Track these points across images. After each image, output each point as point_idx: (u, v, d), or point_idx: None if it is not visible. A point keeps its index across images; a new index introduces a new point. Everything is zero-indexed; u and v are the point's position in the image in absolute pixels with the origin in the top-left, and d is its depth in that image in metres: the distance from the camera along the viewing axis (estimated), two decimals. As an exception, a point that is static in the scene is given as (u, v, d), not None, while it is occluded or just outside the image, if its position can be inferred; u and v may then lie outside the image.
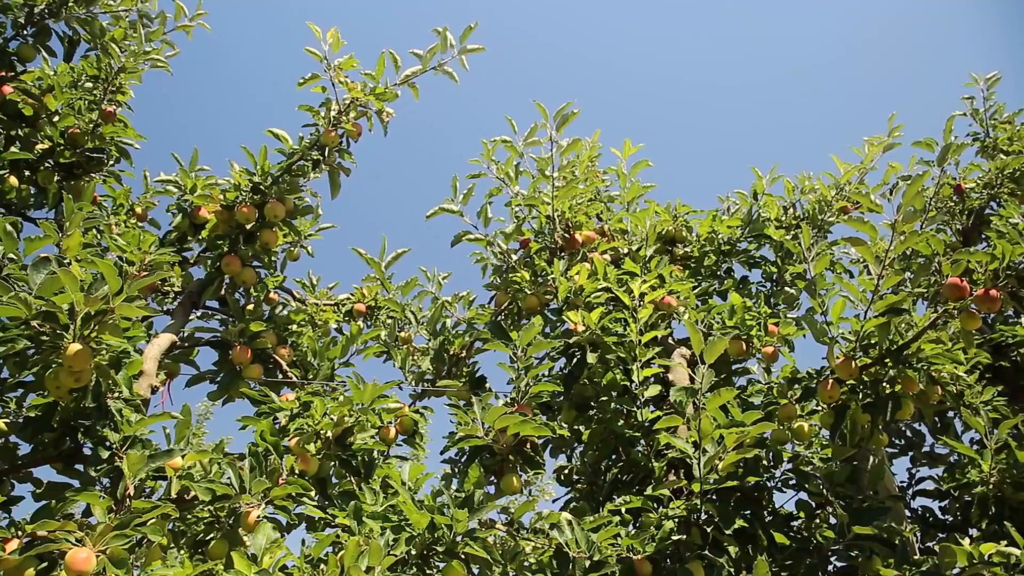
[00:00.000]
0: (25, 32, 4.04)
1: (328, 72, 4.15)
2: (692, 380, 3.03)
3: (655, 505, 2.98)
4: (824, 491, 3.09)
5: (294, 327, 4.39)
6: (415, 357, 4.35)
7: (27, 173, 4.10)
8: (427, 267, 4.78)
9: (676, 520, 2.86)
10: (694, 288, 4.16)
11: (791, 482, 3.30)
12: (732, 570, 2.83)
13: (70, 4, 4.09)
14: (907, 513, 3.91)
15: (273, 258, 4.38)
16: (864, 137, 4.63)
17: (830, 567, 3.07)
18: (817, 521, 3.15)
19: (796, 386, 3.39)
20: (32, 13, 4.01)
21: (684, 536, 2.82)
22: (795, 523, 3.20)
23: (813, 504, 3.19)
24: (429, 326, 4.43)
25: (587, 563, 2.72)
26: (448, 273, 4.82)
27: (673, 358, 3.76)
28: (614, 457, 3.62)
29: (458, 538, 2.68)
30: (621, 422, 3.45)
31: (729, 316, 3.82)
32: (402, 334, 4.65)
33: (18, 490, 3.17)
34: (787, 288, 4.55)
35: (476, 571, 2.76)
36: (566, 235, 4.21)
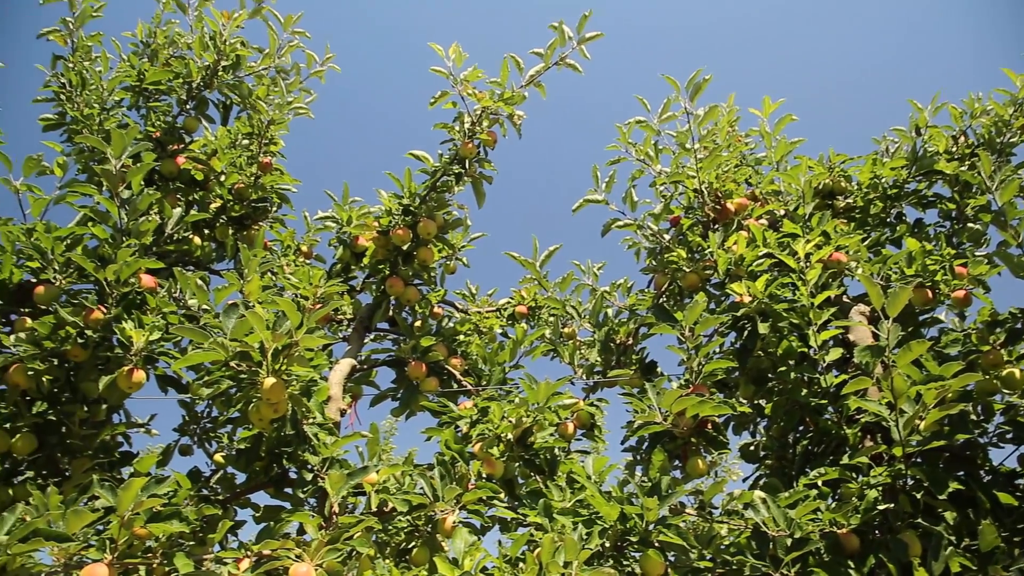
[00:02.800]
0: (187, 107, 4.50)
1: (456, 87, 4.26)
2: (876, 337, 2.83)
3: (854, 474, 2.81)
4: (1050, 442, 2.79)
5: (461, 337, 4.54)
6: (582, 351, 4.37)
7: (206, 231, 4.55)
8: (580, 260, 4.80)
9: (880, 488, 2.67)
10: (863, 240, 3.89)
11: (1008, 436, 2.99)
12: (953, 538, 2.61)
13: (219, 73, 4.50)
14: None
15: (432, 274, 4.57)
16: (1040, 44, 4.12)
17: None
18: (1048, 476, 2.84)
19: (998, 330, 3.07)
20: (191, 88, 4.48)
21: (891, 505, 2.64)
22: (1021, 481, 2.90)
23: (1039, 457, 2.88)
24: (591, 318, 4.43)
25: (788, 541, 2.60)
26: (603, 263, 4.81)
27: (851, 317, 3.53)
28: (801, 428, 3.46)
29: (650, 526, 2.66)
30: (804, 391, 3.28)
31: (907, 264, 3.54)
32: (566, 330, 4.68)
33: (240, 515, 3.52)
34: (971, 224, 4.14)
35: (672, 558, 2.72)
36: (717, 206, 4.07)
